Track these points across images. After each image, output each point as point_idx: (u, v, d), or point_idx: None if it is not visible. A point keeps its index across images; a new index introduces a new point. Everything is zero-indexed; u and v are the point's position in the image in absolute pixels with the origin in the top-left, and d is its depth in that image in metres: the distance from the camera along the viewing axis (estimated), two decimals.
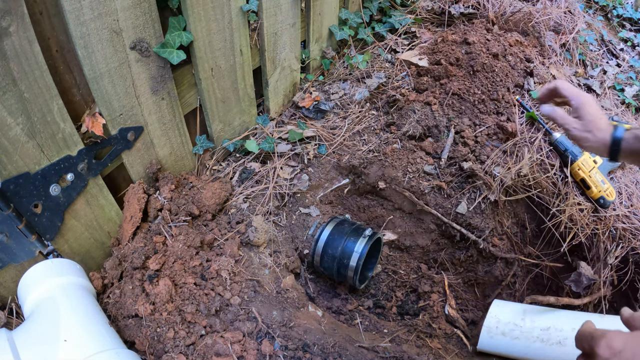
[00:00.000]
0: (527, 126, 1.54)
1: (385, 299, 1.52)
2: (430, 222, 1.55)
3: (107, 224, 1.12)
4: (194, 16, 1.11)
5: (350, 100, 1.67)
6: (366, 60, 1.76)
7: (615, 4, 2.37)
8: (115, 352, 0.84)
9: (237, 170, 1.44)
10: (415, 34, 1.88)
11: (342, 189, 1.55)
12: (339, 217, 1.43)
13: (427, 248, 1.59)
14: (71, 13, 0.84)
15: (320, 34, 1.70)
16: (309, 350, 1.02)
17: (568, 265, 1.42)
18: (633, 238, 1.35)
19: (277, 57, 1.50)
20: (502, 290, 1.50)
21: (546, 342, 1.16)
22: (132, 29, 0.98)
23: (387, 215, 1.60)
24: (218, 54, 1.25)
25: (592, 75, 1.87)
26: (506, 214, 1.48)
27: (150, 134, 1.16)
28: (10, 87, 0.79)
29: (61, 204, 0.97)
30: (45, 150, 0.90)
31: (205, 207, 1.25)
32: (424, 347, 1.28)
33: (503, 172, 1.45)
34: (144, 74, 1.06)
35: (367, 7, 1.93)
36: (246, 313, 1.07)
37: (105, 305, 1.02)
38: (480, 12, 1.84)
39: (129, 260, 1.07)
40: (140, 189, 1.16)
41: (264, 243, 1.27)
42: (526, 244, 1.50)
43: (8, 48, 0.76)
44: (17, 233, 0.90)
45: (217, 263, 1.13)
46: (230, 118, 1.43)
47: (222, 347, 0.96)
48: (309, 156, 1.50)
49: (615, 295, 1.38)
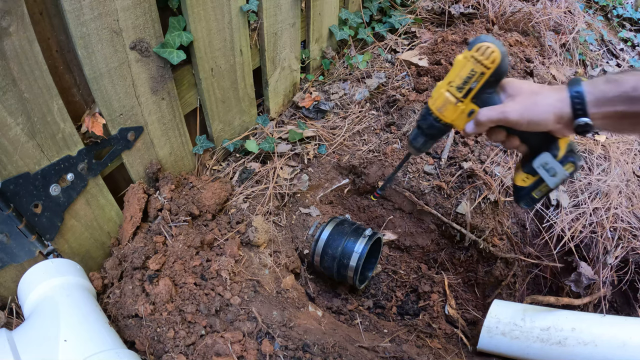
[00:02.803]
0: None
1: (385, 299, 1.52)
2: (430, 222, 1.55)
3: (107, 224, 1.12)
4: (194, 16, 1.11)
5: (350, 100, 1.67)
6: (366, 60, 1.76)
7: (615, 4, 2.37)
8: (115, 352, 0.84)
9: (237, 170, 1.44)
10: (415, 34, 1.88)
11: (342, 189, 1.55)
12: (339, 217, 1.43)
13: (427, 248, 1.59)
14: (71, 13, 0.84)
15: (320, 34, 1.70)
16: (309, 350, 1.02)
17: (568, 265, 1.42)
18: (633, 238, 1.35)
19: (277, 57, 1.50)
20: (502, 290, 1.50)
21: (546, 342, 1.16)
22: (132, 29, 0.98)
23: (387, 215, 1.60)
24: (218, 54, 1.25)
25: (592, 75, 1.87)
26: (506, 214, 1.48)
27: (150, 134, 1.16)
28: (10, 87, 0.79)
29: (61, 204, 0.97)
30: (45, 150, 0.90)
31: (205, 207, 1.25)
32: (424, 347, 1.28)
33: (503, 172, 1.45)
34: (144, 74, 1.06)
35: (367, 7, 1.93)
36: (246, 313, 1.07)
37: (105, 305, 1.02)
38: (480, 12, 1.84)
39: (129, 260, 1.07)
40: (140, 189, 1.16)
41: (264, 243, 1.27)
42: (526, 244, 1.50)
43: (8, 48, 0.76)
44: (17, 233, 0.90)
45: (217, 263, 1.13)
46: (230, 118, 1.43)
47: (222, 347, 0.96)
48: (309, 156, 1.50)
49: (615, 295, 1.38)
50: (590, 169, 1.52)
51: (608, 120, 0.72)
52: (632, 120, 0.68)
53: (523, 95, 0.80)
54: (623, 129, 0.73)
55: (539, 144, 0.85)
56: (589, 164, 1.53)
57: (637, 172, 1.55)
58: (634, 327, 1.13)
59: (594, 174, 1.49)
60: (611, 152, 1.57)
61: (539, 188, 0.88)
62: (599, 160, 1.55)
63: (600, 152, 1.56)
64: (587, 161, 1.54)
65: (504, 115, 0.80)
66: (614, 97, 0.69)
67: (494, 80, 0.83)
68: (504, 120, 0.81)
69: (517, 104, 0.79)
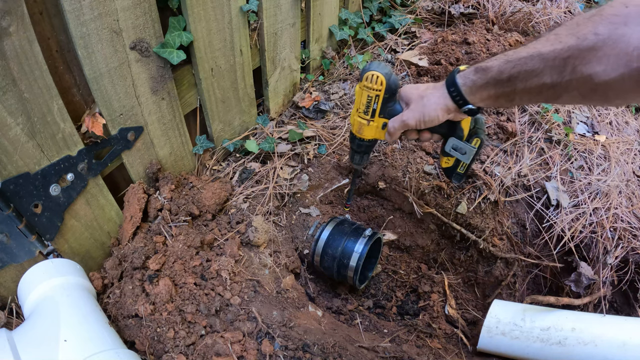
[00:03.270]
0: (527, 126, 1.54)
1: (385, 299, 1.52)
2: (430, 222, 1.55)
3: (107, 224, 1.12)
4: (194, 16, 1.11)
5: (350, 100, 1.67)
6: (366, 60, 1.76)
7: None
8: (115, 352, 0.84)
9: (237, 170, 1.44)
10: (415, 34, 1.88)
11: (342, 189, 1.55)
12: (339, 217, 1.43)
13: (427, 248, 1.59)
14: (71, 13, 0.84)
15: (320, 34, 1.70)
16: (309, 350, 1.02)
17: (568, 265, 1.42)
18: (633, 238, 1.35)
19: (277, 57, 1.50)
20: (502, 290, 1.50)
21: (546, 342, 1.16)
22: (132, 29, 0.98)
23: (387, 215, 1.60)
24: (218, 54, 1.25)
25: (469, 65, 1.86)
26: (506, 214, 1.48)
27: (150, 134, 1.16)
28: (10, 87, 0.79)
29: (61, 204, 0.97)
30: (45, 150, 0.90)
31: (205, 207, 1.25)
32: (424, 347, 1.28)
33: (503, 172, 1.46)
34: (144, 74, 1.06)
35: (367, 7, 1.93)
36: (246, 313, 1.07)
37: (105, 305, 1.02)
38: (480, 12, 1.85)
39: (129, 260, 1.07)
40: (140, 189, 1.16)
41: (264, 243, 1.27)
42: (526, 244, 1.50)
43: (8, 48, 0.76)
44: (17, 233, 0.90)
45: (217, 263, 1.13)
46: (230, 118, 1.43)
47: (222, 347, 0.96)
48: (309, 156, 1.50)
49: (615, 295, 1.38)
50: (590, 169, 1.52)
51: (487, 101, 0.83)
52: (506, 97, 0.79)
53: (413, 101, 0.94)
54: (502, 104, 0.84)
55: (445, 131, 0.98)
56: (589, 164, 1.53)
57: (637, 172, 1.55)
58: (634, 327, 1.13)
59: (594, 174, 1.49)
60: (611, 152, 1.57)
61: (461, 165, 1.05)
62: (599, 160, 1.55)
63: (600, 152, 1.56)
64: (587, 161, 1.54)
65: (404, 122, 0.96)
66: (484, 84, 0.80)
67: (389, 96, 0.99)
68: (406, 126, 0.96)
69: (411, 111, 0.94)
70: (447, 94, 0.87)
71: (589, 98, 0.68)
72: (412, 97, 0.95)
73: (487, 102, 0.83)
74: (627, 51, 0.58)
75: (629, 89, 0.61)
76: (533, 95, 0.74)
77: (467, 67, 0.87)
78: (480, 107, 0.86)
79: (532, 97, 0.74)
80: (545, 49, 0.69)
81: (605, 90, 0.63)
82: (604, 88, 0.63)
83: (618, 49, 0.59)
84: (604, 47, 0.61)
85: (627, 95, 0.63)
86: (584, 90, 0.66)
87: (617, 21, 0.60)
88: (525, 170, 1.45)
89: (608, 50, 0.60)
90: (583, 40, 0.63)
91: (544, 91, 0.71)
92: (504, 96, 0.79)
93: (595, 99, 0.68)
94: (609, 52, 0.60)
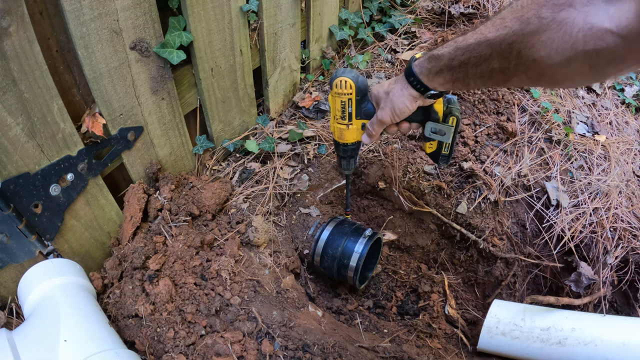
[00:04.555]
0: (527, 126, 1.54)
1: (385, 299, 1.52)
2: (430, 222, 1.55)
3: (107, 224, 1.12)
4: (194, 16, 1.11)
5: None
6: (366, 60, 1.76)
7: None
8: (115, 352, 0.84)
9: (237, 170, 1.44)
10: (415, 34, 1.88)
11: (342, 188, 1.55)
12: (339, 217, 1.43)
13: (427, 248, 1.59)
14: (71, 13, 0.84)
15: (320, 34, 1.70)
16: (309, 350, 1.02)
17: (568, 265, 1.42)
18: (633, 238, 1.35)
19: (277, 57, 1.50)
20: (502, 290, 1.50)
21: (546, 342, 1.16)
22: (132, 29, 0.98)
23: (387, 215, 1.60)
24: (218, 54, 1.25)
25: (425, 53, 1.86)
26: (506, 214, 1.48)
27: (150, 134, 1.16)
28: (10, 87, 0.79)
29: (61, 204, 0.97)
30: (45, 150, 0.90)
31: (205, 207, 1.25)
32: (424, 347, 1.28)
33: (503, 172, 1.46)
34: (144, 74, 1.06)
35: (367, 7, 1.93)
36: (246, 313, 1.07)
37: (105, 305, 1.02)
38: (480, 12, 1.84)
39: (129, 260, 1.07)
40: (140, 189, 1.16)
41: (264, 243, 1.27)
42: (526, 244, 1.50)
43: (8, 48, 0.76)
44: (17, 233, 0.90)
45: (217, 263, 1.13)
46: (230, 118, 1.43)
47: (222, 347, 0.96)
48: (309, 156, 1.50)
49: (615, 295, 1.38)
50: (590, 169, 1.52)
51: (446, 85, 0.85)
52: (461, 82, 0.80)
53: (382, 99, 0.99)
54: (460, 88, 0.90)
55: (421, 117, 1.02)
56: (589, 164, 1.53)
57: (637, 172, 1.56)
58: (634, 327, 1.13)
59: (594, 174, 1.49)
60: (611, 152, 1.57)
61: (444, 146, 1.07)
62: (599, 160, 1.55)
63: (600, 152, 1.57)
64: (587, 161, 1.54)
65: (381, 121, 1.00)
66: (439, 71, 0.83)
67: (361, 98, 1.04)
68: (383, 124, 1.01)
69: (382, 109, 0.98)
70: (407, 84, 0.91)
71: (538, 81, 0.68)
72: (380, 95, 1.00)
73: (446, 86, 0.86)
74: (572, 33, 0.56)
75: (577, 72, 0.59)
76: (486, 79, 0.74)
77: (422, 54, 0.89)
78: (441, 92, 0.90)
79: (485, 81, 0.75)
80: (491, 34, 0.69)
81: (553, 74, 0.62)
82: (551, 72, 0.62)
83: (562, 31, 0.57)
84: (547, 30, 0.59)
85: (575, 78, 0.62)
86: (532, 75, 0.66)
87: (561, 2, 0.58)
88: (525, 170, 1.45)
89: (551, 34, 0.58)
90: (527, 24, 0.62)
91: (494, 75, 0.72)
92: (459, 80, 0.80)
93: (544, 82, 0.67)
94: (552, 35, 0.58)
